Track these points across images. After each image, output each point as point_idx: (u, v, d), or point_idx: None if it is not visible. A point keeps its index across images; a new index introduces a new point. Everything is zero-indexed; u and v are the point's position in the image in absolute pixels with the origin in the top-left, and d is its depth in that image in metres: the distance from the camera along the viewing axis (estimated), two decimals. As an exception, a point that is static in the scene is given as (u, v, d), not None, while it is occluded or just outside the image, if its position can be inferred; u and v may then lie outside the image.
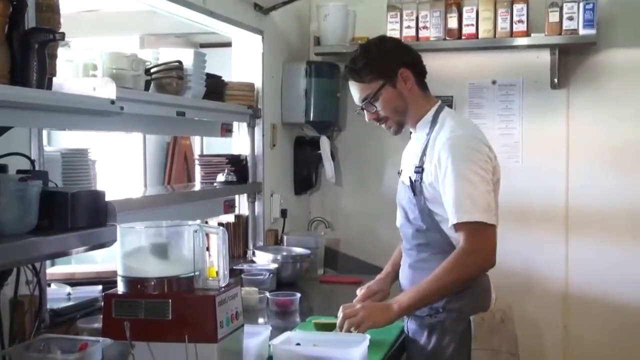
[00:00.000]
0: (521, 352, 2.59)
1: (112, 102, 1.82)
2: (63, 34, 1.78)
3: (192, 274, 1.97)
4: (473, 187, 2.35)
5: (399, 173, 2.69)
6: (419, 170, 2.46)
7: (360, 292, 2.73)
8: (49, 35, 1.75)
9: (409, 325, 2.56)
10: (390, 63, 2.50)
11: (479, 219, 2.33)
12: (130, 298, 1.93)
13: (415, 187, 2.47)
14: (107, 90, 1.82)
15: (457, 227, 2.36)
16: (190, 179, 4.27)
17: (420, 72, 2.56)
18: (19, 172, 1.83)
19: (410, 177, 2.50)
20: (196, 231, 1.99)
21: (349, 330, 2.36)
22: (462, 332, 2.42)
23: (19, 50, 1.69)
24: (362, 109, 2.56)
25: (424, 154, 2.47)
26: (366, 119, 2.59)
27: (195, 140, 4.28)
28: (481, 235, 2.35)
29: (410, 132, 2.66)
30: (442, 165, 2.39)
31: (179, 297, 1.92)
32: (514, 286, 3.90)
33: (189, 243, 1.99)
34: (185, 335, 1.87)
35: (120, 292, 1.96)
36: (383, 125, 2.60)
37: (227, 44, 3.96)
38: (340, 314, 2.44)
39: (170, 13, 3.21)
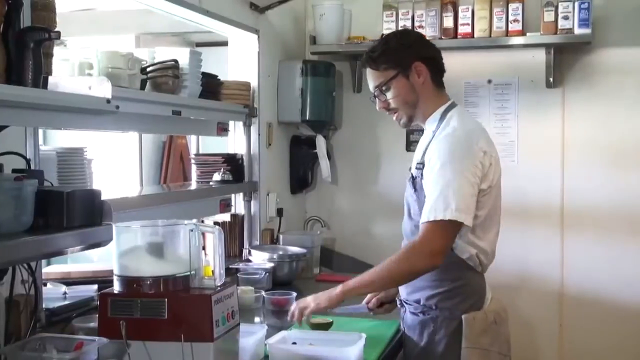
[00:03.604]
0: (517, 352, 2.60)
1: (108, 101, 1.81)
2: (58, 33, 1.78)
3: (188, 273, 1.97)
4: (454, 186, 2.33)
5: (410, 169, 2.69)
6: (420, 166, 2.47)
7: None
8: (44, 34, 1.75)
9: (405, 321, 2.57)
10: (406, 55, 2.51)
11: (449, 217, 2.30)
12: (126, 297, 1.93)
13: (416, 183, 2.48)
14: (103, 89, 1.82)
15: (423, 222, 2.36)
16: (186, 178, 4.27)
17: (437, 69, 2.57)
18: (14, 171, 1.83)
19: (412, 173, 2.53)
20: (192, 230, 1.99)
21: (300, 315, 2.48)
22: (453, 330, 2.43)
23: (15, 49, 1.69)
24: (375, 96, 2.58)
25: (426, 150, 2.48)
26: (377, 108, 2.60)
27: (191, 140, 4.28)
28: (436, 233, 2.33)
29: (413, 131, 2.68)
30: (432, 162, 2.40)
31: (175, 296, 1.92)
32: (509, 285, 3.92)
33: (185, 242, 1.99)
34: (181, 335, 1.87)
35: (116, 292, 1.96)
36: (394, 117, 2.60)
37: (223, 43, 3.96)
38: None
39: (166, 12, 3.21)
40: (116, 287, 1.97)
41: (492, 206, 2.47)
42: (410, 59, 2.50)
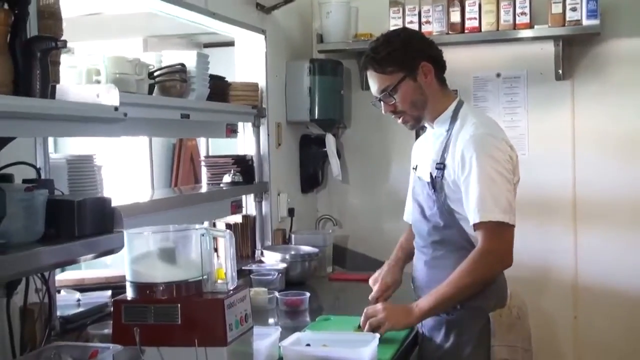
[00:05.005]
0: (533, 345, 2.59)
1: (116, 108, 1.81)
2: (65, 42, 1.78)
3: (201, 277, 1.97)
4: (496, 186, 2.33)
5: (414, 169, 2.67)
6: (441, 166, 2.44)
7: (374, 284, 2.71)
8: (51, 44, 1.74)
9: (424, 323, 2.54)
10: (412, 56, 2.47)
11: (500, 219, 2.31)
12: (139, 303, 1.94)
13: (435, 184, 2.45)
14: (111, 97, 1.81)
15: (477, 226, 2.34)
16: (197, 179, 4.27)
17: (440, 66, 2.53)
18: (25, 181, 1.83)
19: (430, 173, 2.48)
20: (203, 235, 1.99)
21: (372, 331, 2.37)
22: (481, 329, 2.42)
23: (22, 59, 1.69)
24: (380, 100, 2.52)
25: (445, 150, 2.45)
26: (382, 112, 2.55)
27: (201, 141, 4.28)
28: (500, 235, 2.33)
29: (423, 127, 2.65)
30: (465, 163, 2.36)
31: (188, 302, 1.92)
32: (523, 279, 3.86)
33: (197, 247, 1.99)
34: (195, 340, 1.87)
35: (129, 298, 1.97)
36: (399, 120, 2.56)
37: (231, 43, 3.96)
38: (363, 315, 2.45)
39: (172, 15, 3.21)
40: (129, 294, 1.97)
41: (515, 200, 2.46)
42: (416, 59, 2.46)
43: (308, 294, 3.00)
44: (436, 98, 2.51)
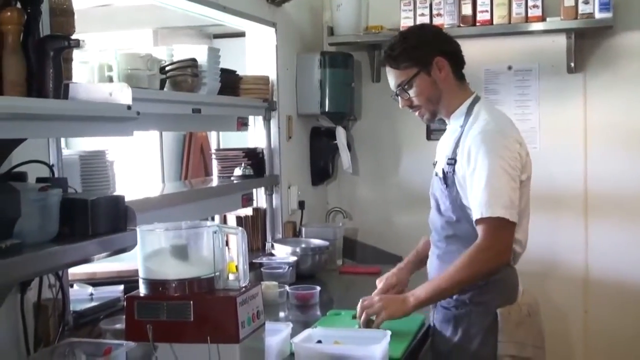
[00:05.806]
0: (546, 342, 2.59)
1: (129, 107, 1.82)
2: (78, 41, 1.78)
3: (213, 274, 1.98)
4: (499, 183, 2.34)
5: (434, 164, 2.68)
6: (452, 162, 2.45)
7: (379, 283, 2.74)
8: (64, 43, 1.74)
9: (435, 316, 2.57)
10: (426, 51, 2.50)
11: (500, 215, 2.32)
12: (152, 300, 1.95)
13: (447, 179, 2.47)
14: (124, 95, 1.81)
15: (477, 221, 2.36)
16: (207, 170, 4.28)
17: (457, 62, 2.55)
18: (38, 179, 1.84)
19: (443, 169, 2.50)
20: (215, 232, 2.00)
21: (369, 322, 2.39)
22: (488, 324, 2.42)
23: (35, 59, 1.69)
24: (397, 95, 2.57)
25: (457, 146, 2.46)
26: (400, 106, 2.60)
27: (212, 133, 4.28)
28: (499, 231, 2.34)
29: (438, 120, 2.67)
30: (471, 159, 2.38)
31: (200, 298, 1.93)
32: (533, 272, 3.87)
33: (209, 244, 2.00)
34: (207, 336, 1.89)
35: (142, 295, 1.98)
36: (416, 113, 2.60)
37: (241, 34, 3.95)
38: (359, 306, 2.46)
39: (183, 9, 3.21)
40: (142, 290, 1.99)
41: (527, 197, 2.47)
42: (430, 54, 2.49)
43: (318, 288, 3.01)
44: (452, 93, 2.53)
